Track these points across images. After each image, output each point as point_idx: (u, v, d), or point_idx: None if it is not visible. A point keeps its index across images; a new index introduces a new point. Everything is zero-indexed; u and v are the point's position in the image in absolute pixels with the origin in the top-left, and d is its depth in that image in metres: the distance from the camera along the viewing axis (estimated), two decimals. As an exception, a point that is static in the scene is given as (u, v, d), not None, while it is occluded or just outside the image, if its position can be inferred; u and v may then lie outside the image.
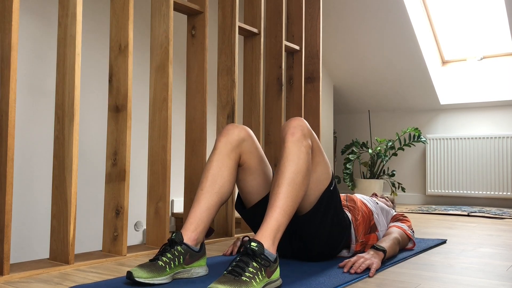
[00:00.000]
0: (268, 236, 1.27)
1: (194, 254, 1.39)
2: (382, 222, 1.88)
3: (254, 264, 1.20)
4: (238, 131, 1.56)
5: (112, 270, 1.56)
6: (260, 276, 1.20)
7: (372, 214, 1.83)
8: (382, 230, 1.86)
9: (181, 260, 1.35)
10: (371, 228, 1.81)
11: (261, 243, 1.24)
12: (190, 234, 1.41)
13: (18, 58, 2.41)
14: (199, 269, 1.42)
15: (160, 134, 1.99)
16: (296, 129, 1.42)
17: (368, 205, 1.85)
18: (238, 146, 1.55)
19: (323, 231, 1.58)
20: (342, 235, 1.65)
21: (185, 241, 1.39)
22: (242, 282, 1.15)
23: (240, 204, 1.71)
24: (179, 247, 1.36)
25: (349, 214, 1.74)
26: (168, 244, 1.38)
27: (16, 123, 2.40)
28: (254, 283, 1.17)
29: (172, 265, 1.33)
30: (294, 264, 1.62)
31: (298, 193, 1.36)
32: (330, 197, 1.57)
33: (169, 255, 1.34)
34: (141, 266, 1.30)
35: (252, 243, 1.24)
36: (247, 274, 1.18)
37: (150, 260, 1.33)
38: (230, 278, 1.15)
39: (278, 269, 1.29)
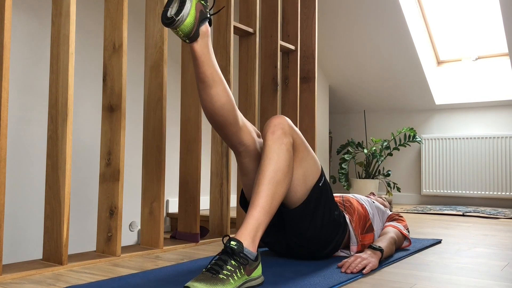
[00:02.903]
0: (248, 234, 1.28)
1: None
2: (378, 222, 1.88)
3: (233, 262, 1.22)
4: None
5: (106, 271, 1.55)
6: (238, 274, 1.21)
7: (369, 215, 1.83)
8: (378, 230, 1.86)
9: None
10: (367, 228, 1.80)
11: (241, 242, 1.25)
12: None
13: (10, 57, 2.39)
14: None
15: (154, 134, 1.98)
16: (277, 127, 1.42)
17: (365, 205, 1.85)
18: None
19: (315, 227, 1.58)
20: (335, 233, 1.65)
21: None
22: (218, 280, 1.16)
23: (244, 200, 1.70)
24: None
25: (347, 216, 1.74)
26: None
27: (9, 122, 2.38)
28: (232, 281, 1.18)
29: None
30: (289, 264, 1.61)
31: (278, 191, 1.36)
32: (319, 193, 1.57)
33: None
34: None
35: (232, 242, 1.25)
36: (224, 272, 1.19)
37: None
38: (208, 276, 1.16)
39: (259, 267, 1.30)
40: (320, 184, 1.57)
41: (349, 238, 1.73)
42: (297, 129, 1.51)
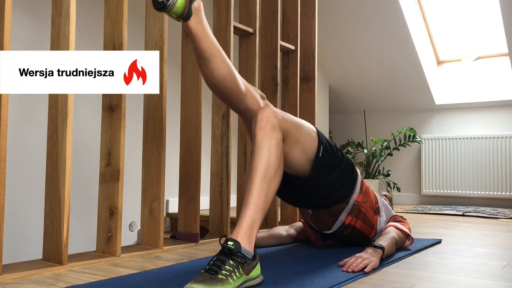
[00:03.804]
0: (244, 234, 1.30)
1: None
2: (383, 214, 1.91)
3: (231, 262, 1.22)
4: None
5: (106, 271, 1.55)
6: (237, 274, 1.22)
7: (378, 201, 1.90)
8: (382, 221, 1.90)
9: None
10: (375, 210, 1.86)
11: (238, 242, 1.27)
12: None
13: (11, 57, 2.39)
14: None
15: (154, 134, 1.97)
16: (264, 122, 1.43)
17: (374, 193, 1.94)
18: None
19: (324, 187, 1.66)
20: (344, 182, 1.72)
21: None
22: (218, 280, 1.17)
23: None
24: None
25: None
26: None
27: (9, 122, 2.38)
28: (231, 281, 1.19)
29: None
30: (288, 264, 1.61)
31: (271, 187, 1.39)
32: (320, 163, 1.62)
33: None
34: None
35: (229, 242, 1.26)
36: (223, 272, 1.20)
37: None
38: (207, 277, 1.17)
39: (258, 266, 1.31)
40: (320, 155, 1.61)
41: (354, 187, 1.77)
42: (285, 115, 1.51)
